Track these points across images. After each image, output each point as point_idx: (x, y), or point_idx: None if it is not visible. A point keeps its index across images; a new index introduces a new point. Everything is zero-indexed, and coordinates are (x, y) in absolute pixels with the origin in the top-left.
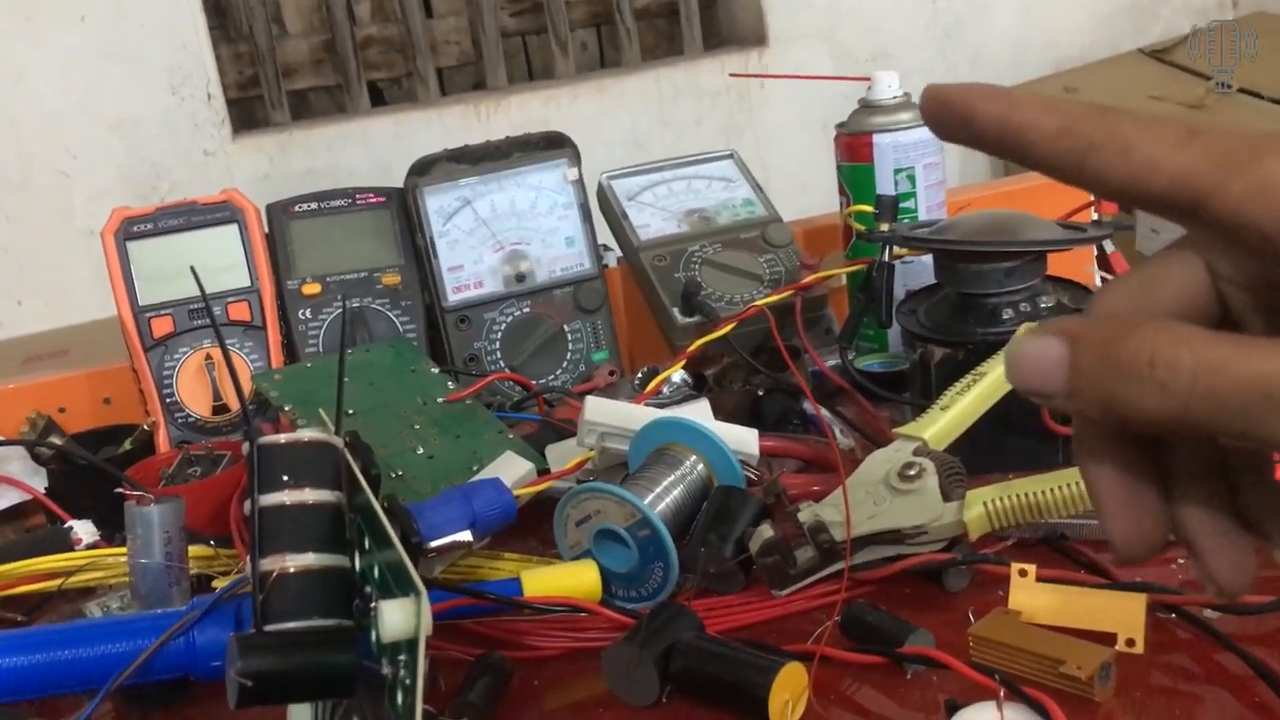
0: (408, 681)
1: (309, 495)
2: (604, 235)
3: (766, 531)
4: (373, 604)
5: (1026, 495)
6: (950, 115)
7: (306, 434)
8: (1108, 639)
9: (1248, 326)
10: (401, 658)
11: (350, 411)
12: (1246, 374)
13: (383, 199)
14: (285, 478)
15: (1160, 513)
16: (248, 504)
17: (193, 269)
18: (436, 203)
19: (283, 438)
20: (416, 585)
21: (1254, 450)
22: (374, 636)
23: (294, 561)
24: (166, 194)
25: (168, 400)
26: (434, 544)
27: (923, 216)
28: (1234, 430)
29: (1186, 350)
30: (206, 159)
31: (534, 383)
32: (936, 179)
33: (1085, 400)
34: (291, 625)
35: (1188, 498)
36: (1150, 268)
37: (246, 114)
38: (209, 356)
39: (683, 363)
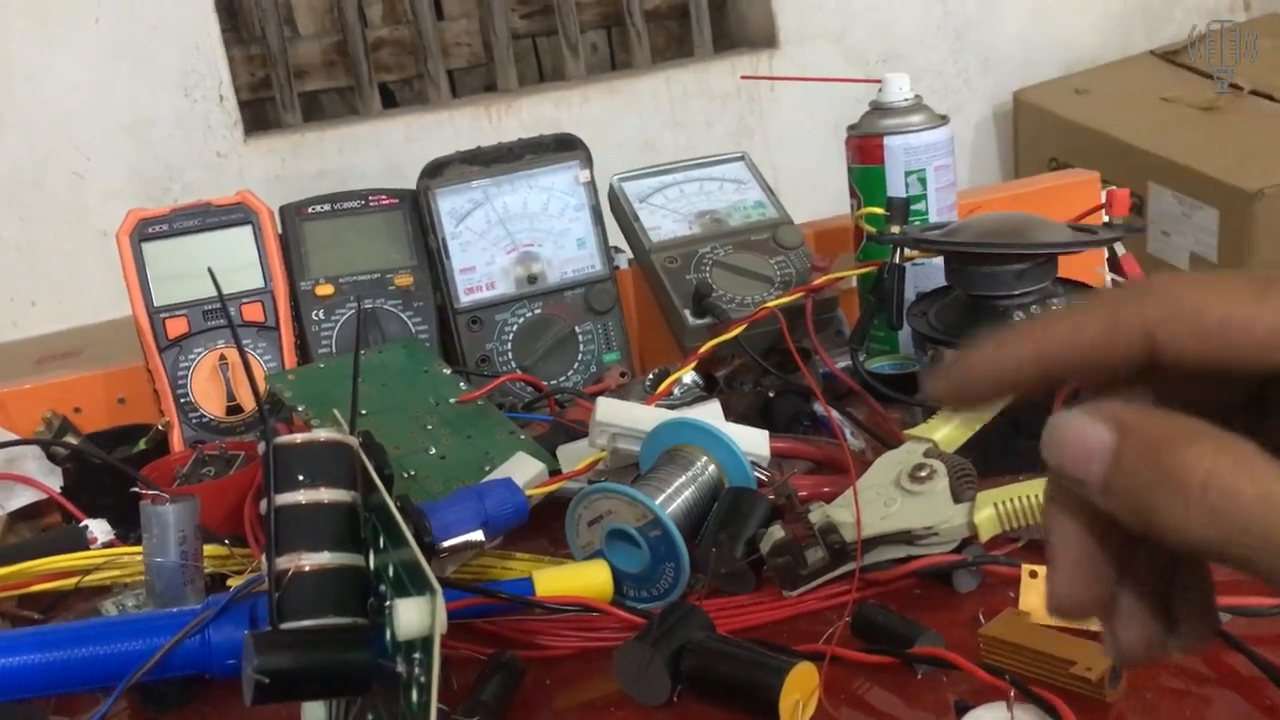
0: (423, 679)
1: (324, 494)
2: (615, 237)
3: (777, 532)
4: (388, 602)
5: (1037, 497)
6: (979, 386)
7: (322, 434)
8: None
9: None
10: (416, 656)
11: (363, 412)
12: None
13: (395, 200)
14: (301, 477)
15: (1108, 582)
16: (263, 503)
17: (210, 270)
18: (449, 204)
19: (299, 437)
20: (432, 584)
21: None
22: (389, 634)
23: (310, 560)
24: (179, 195)
25: (182, 400)
26: (446, 544)
27: (934, 219)
28: (1275, 573)
29: (1248, 479)
30: (219, 160)
31: (545, 384)
32: (948, 181)
33: (1120, 502)
34: (307, 623)
35: (1127, 571)
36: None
37: (259, 116)
38: (223, 357)
39: (694, 364)
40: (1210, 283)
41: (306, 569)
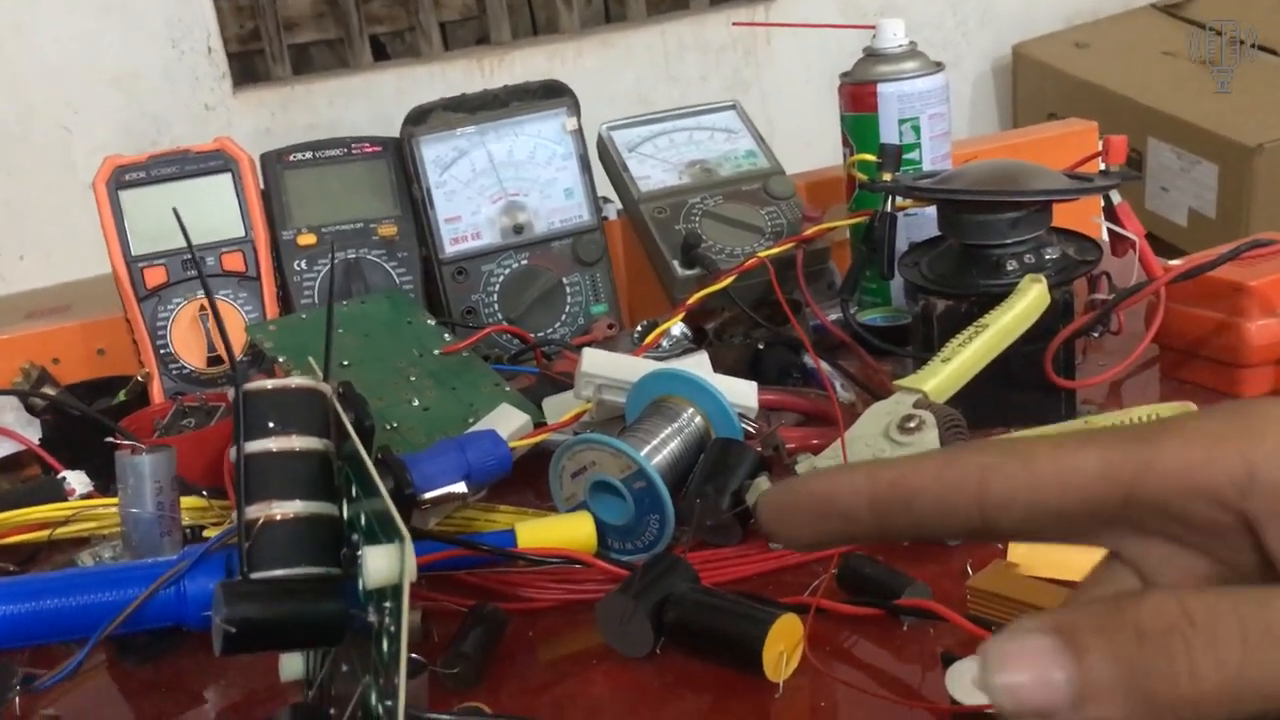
0: (393, 629)
1: (296, 442)
2: (603, 187)
3: (764, 484)
4: (359, 552)
5: None
6: (800, 519)
7: (294, 380)
8: None
9: None
10: (387, 605)
11: (345, 363)
12: None
13: (379, 149)
14: (272, 424)
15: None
16: (234, 451)
17: (175, 211)
18: (433, 152)
19: (269, 383)
20: (401, 531)
21: None
22: (361, 584)
23: (281, 509)
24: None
25: (162, 351)
26: (428, 495)
27: (927, 168)
28: None
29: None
30: (207, 113)
31: (532, 335)
32: (942, 130)
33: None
34: (278, 573)
35: None
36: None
37: (247, 68)
38: (203, 308)
39: (682, 315)
40: (1035, 434)
41: (278, 518)
